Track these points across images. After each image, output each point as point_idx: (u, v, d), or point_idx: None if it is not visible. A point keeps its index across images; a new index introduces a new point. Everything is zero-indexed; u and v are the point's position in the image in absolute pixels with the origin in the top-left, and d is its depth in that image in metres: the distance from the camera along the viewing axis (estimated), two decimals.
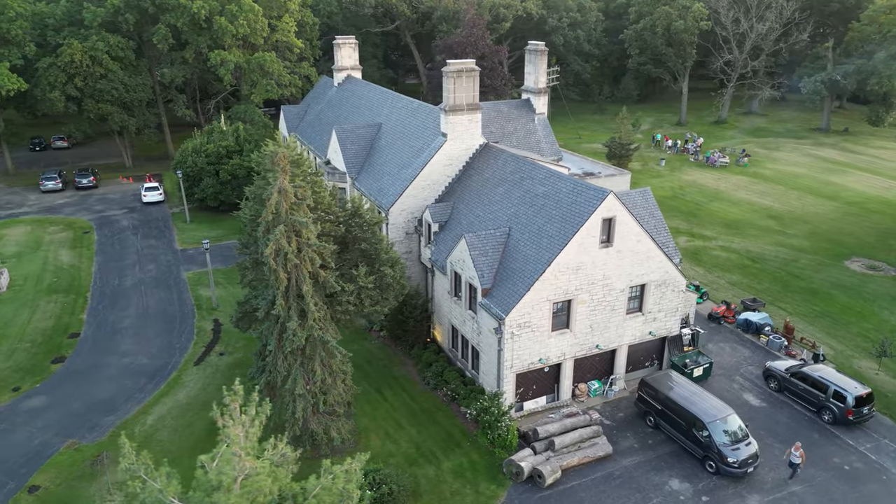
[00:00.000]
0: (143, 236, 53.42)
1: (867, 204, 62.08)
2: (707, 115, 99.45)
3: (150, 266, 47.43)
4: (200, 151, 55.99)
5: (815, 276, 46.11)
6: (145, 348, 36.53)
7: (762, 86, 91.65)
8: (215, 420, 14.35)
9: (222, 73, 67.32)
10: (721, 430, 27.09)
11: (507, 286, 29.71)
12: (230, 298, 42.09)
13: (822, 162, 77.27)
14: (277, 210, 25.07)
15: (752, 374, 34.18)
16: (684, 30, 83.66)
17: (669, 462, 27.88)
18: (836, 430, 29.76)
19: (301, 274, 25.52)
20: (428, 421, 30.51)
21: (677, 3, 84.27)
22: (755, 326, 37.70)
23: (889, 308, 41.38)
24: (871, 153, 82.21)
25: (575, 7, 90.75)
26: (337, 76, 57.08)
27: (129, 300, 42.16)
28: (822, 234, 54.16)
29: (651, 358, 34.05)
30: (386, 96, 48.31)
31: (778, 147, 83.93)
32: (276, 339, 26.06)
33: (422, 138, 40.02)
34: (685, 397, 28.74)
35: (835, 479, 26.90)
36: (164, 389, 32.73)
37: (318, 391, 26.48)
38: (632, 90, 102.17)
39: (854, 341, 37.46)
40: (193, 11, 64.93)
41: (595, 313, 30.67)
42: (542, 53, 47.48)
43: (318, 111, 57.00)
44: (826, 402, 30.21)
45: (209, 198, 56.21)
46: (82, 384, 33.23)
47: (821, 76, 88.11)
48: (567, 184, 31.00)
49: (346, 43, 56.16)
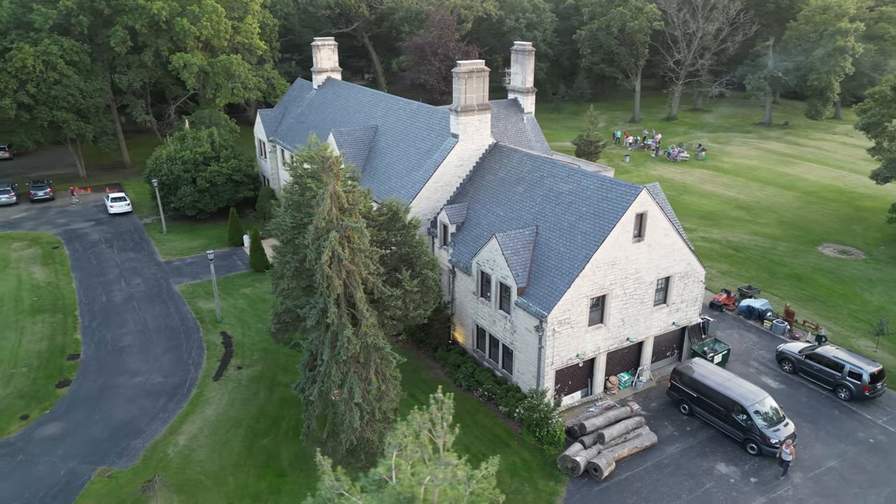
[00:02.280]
0: (119, 249, 50.80)
1: (823, 193, 65.90)
2: (658, 111, 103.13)
3: (136, 280, 45.17)
4: (176, 159, 53.71)
5: (795, 262, 48.65)
6: (156, 366, 34.81)
7: (709, 83, 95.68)
8: (401, 429, 13.65)
9: (185, 77, 64.74)
10: (760, 412, 28.26)
11: (544, 284, 29.98)
12: (232, 310, 40.72)
13: (772, 154, 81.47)
14: (329, 216, 24.49)
15: (764, 358, 35.76)
16: (638, 30, 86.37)
17: (712, 447, 28.86)
18: (854, 407, 31.55)
19: (354, 280, 25.01)
20: (470, 423, 30.41)
21: (630, 3, 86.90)
22: (758, 312, 39.45)
23: (868, 290, 44.13)
24: (813, 145, 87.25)
25: (530, 8, 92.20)
26: (316, 78, 55.96)
27: (123, 317, 40.03)
28: (790, 222, 57.16)
29: (672, 348, 35.11)
30: (378, 98, 47.75)
31: (728, 141, 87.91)
32: (330, 347, 25.37)
33: (428, 139, 39.82)
34: (720, 383, 29.81)
35: (864, 452, 28.52)
36: (187, 408, 31.29)
37: (374, 399, 25.98)
38: (585, 89, 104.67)
39: (846, 322, 39.76)
40: (153, 13, 62.19)
41: (627, 307, 31.37)
42: (529, 53, 47.99)
43: (297, 114, 55.72)
44: (842, 381, 31.98)
45: (187, 206, 54.01)
46: (97, 407, 31.35)
47: (763, 73, 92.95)
48: (593, 181, 31.57)
49: (325, 45, 55.16)
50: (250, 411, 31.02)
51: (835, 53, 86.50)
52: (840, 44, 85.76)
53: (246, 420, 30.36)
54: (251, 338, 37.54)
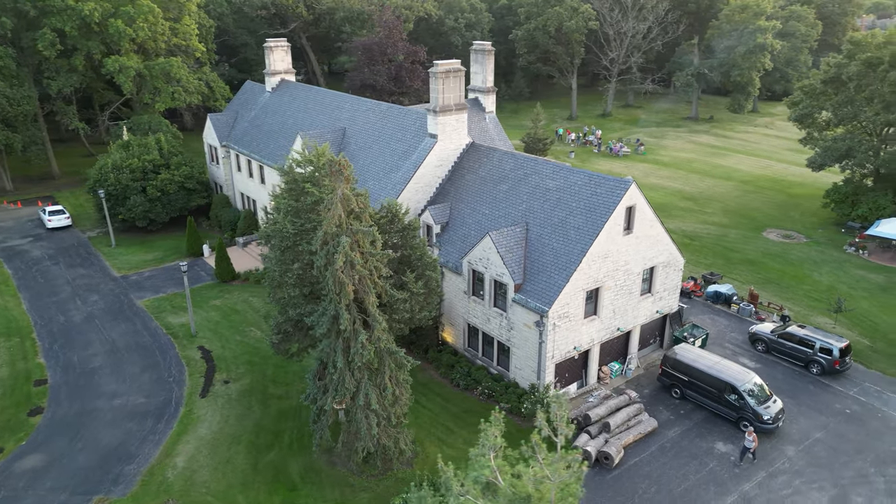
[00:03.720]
0: (66, 266, 47.72)
1: (757, 182, 69.85)
2: (593, 108, 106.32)
3: (92, 297, 42.58)
4: (123, 167, 50.95)
5: (746, 248, 51.39)
6: (134, 386, 32.97)
7: (642, 81, 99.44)
8: (483, 432, 13.59)
9: (121, 81, 61.53)
10: (750, 392, 29.75)
11: (541, 280, 30.43)
12: (205, 323, 39.11)
13: (704, 147, 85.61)
14: (339, 220, 24.01)
15: (737, 340, 37.62)
16: (575, 29, 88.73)
17: (707, 428, 30.14)
18: (826, 381, 33.70)
19: (366, 285, 24.61)
20: (475, 421, 30.20)
21: (566, 3, 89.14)
22: (724, 297, 41.45)
23: (816, 271, 47.17)
24: (739, 137, 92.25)
25: (468, 8, 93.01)
26: (270, 80, 54.42)
27: (87, 337, 37.68)
28: (734, 210, 60.28)
29: (654, 335, 36.39)
30: (342, 100, 46.98)
31: (663, 136, 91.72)
32: (343, 355, 24.83)
33: (403, 140, 39.57)
34: (710, 366, 31.16)
35: (843, 422, 30.53)
36: (178, 428, 29.82)
37: (389, 404, 25.64)
38: (523, 88, 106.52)
39: (803, 302, 42.36)
40: (84, 14, 58.78)
41: (617, 298, 32.29)
42: (489, 53, 48.41)
43: (251, 118, 54.02)
44: (813, 357, 34.09)
45: (138, 217, 51.36)
46: (78, 434, 29.39)
47: (690, 70, 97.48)
48: (581, 176, 32.30)
49: (278, 46, 53.73)
50: (247, 426, 29.91)
51: (755, 50, 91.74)
52: (760, 41, 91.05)
53: (245, 436, 29.25)
54: (232, 350, 36.18)
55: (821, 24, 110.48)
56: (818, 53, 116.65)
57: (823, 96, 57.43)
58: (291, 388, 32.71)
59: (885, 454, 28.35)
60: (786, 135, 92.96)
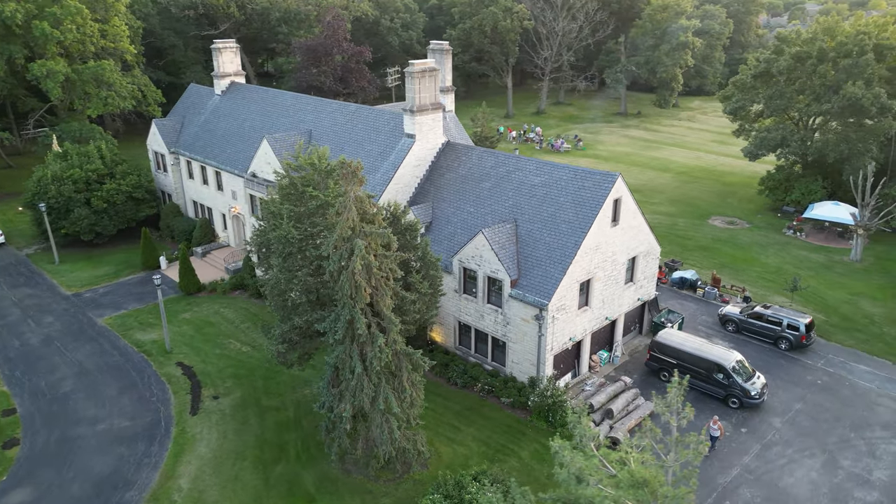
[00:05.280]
0: (9, 286, 44.30)
1: (692, 173, 73.51)
2: (527, 106, 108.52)
3: (47, 318, 39.77)
4: (64, 179, 47.78)
5: (697, 235, 54.08)
6: (115, 409, 31.09)
7: (574, 79, 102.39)
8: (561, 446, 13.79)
9: (49, 87, 57.67)
10: (737, 370, 31.43)
11: (537, 274, 30.97)
12: (179, 338, 37.40)
13: (638, 141, 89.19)
14: (353, 223, 23.61)
15: (707, 322, 39.59)
16: (510, 29, 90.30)
17: (699, 407, 31.47)
18: (794, 355, 36.03)
19: (382, 288, 24.32)
20: (478, 418, 30.69)
21: (500, 3, 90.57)
22: (689, 282, 43.50)
23: (763, 253, 50.24)
24: (667, 130, 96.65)
25: (403, 8, 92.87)
26: (219, 83, 52.43)
27: (49, 360, 35.18)
28: (678, 200, 63.23)
29: (634, 322, 37.74)
30: (304, 101, 45.92)
31: (598, 131, 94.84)
32: (360, 360, 24.41)
33: (377, 141, 39.20)
34: (697, 348, 32.69)
35: (817, 392, 32.78)
36: (174, 448, 28.39)
37: (408, 406, 25.43)
38: (459, 87, 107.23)
39: (758, 283, 45.03)
40: (5, 16, 54.79)
41: (606, 287, 33.30)
42: (447, 52, 48.64)
43: (201, 123, 51.88)
44: (782, 333, 36.38)
45: (83, 231, 48.29)
46: (66, 464, 27.45)
47: (619, 67, 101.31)
48: (566, 172, 33.08)
49: (226, 47, 51.84)
50: (248, 441, 28.86)
51: (679, 48, 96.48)
52: (682, 39, 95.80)
53: (248, 451, 28.22)
54: (214, 365, 34.75)
55: (731, 23, 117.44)
56: (729, 51, 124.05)
57: (754, 90, 61.13)
58: (286, 399, 31.80)
59: (859, 419, 30.66)
60: (708, 127, 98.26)
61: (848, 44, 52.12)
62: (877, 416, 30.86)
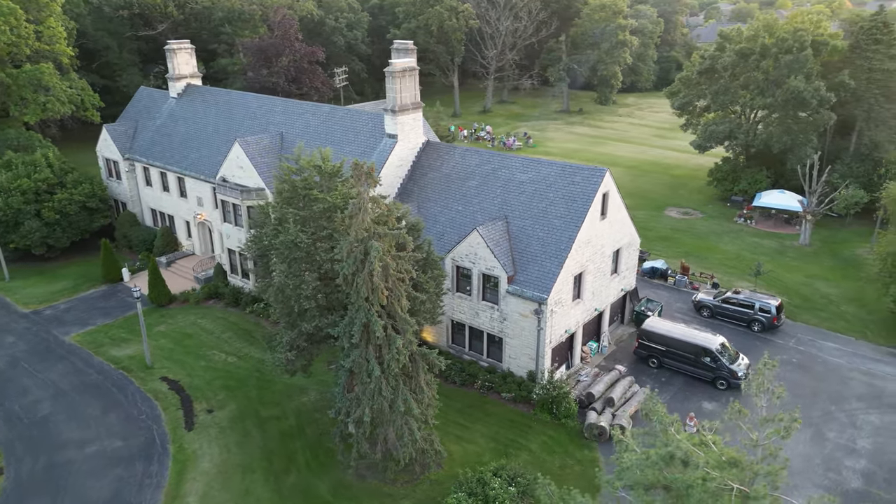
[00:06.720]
0: None
1: (641, 167, 76.05)
2: (473, 105, 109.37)
3: (8, 339, 37.29)
4: (11, 190, 44.83)
5: (657, 225, 56.08)
6: (103, 430, 29.53)
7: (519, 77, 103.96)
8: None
9: None
10: (723, 353, 32.89)
11: (533, 269, 31.43)
12: (158, 352, 35.84)
13: (584, 137, 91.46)
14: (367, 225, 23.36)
15: (682, 309, 41.19)
16: (456, 28, 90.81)
17: (690, 390, 32.89)
18: (767, 336, 37.99)
19: (398, 289, 24.16)
20: (482, 414, 30.88)
21: (446, 3, 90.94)
22: (660, 272, 45.10)
23: (720, 241, 52.64)
24: (610, 127, 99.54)
25: (347, 8, 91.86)
26: (175, 86, 50.39)
27: (19, 383, 33.03)
28: (633, 193, 65.16)
29: (617, 312, 38.84)
30: (272, 103, 44.77)
31: (544, 128, 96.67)
32: (378, 363, 24.15)
33: (356, 142, 38.75)
34: (684, 334, 33.99)
35: (793, 370, 34.70)
36: (176, 466, 27.25)
37: (425, 407, 25.35)
38: None
39: (721, 269, 47.16)
40: None
41: (596, 280, 34.15)
42: (411, 52, 48.54)
43: (157, 127, 49.74)
44: (755, 316, 38.28)
45: (34, 245, 45.48)
46: (59, 490, 25.87)
47: (561, 65, 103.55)
48: (553, 168, 33.72)
49: (181, 48, 49.88)
50: (254, 453, 28.02)
51: (618, 46, 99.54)
52: (621, 38, 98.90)
53: (256, 463, 27.41)
54: (201, 377, 33.50)
55: (662, 22, 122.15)
56: (659, 49, 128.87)
57: (699, 86, 63.86)
58: (285, 408, 31.05)
59: (835, 393, 32.67)
60: (647, 122, 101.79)
61: (788, 40, 55.24)
62: (851, 389, 32.96)
